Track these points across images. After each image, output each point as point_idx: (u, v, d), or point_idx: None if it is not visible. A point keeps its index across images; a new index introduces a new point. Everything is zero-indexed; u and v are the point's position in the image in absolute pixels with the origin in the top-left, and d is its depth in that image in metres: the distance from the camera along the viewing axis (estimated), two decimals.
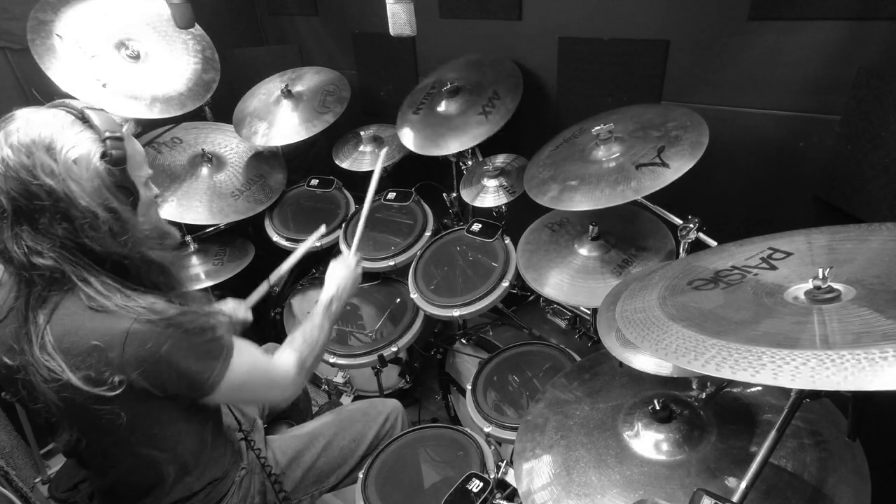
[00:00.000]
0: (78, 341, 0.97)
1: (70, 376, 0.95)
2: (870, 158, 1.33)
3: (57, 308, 1.00)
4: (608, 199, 1.30)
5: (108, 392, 0.96)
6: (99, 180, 0.98)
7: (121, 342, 0.96)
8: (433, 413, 2.30)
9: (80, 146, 0.97)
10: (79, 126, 0.99)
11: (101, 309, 0.98)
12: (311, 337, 1.33)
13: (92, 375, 0.96)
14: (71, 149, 0.96)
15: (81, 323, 0.98)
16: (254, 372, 1.19)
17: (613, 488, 1.00)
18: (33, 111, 1.01)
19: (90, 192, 0.96)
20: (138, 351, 0.97)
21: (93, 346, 0.96)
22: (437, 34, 2.13)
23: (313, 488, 1.45)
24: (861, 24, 1.32)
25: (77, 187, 0.95)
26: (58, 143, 0.96)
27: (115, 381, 0.96)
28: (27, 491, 1.57)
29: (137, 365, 0.98)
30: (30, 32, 1.84)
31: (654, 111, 1.50)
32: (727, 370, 0.66)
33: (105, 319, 0.98)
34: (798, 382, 0.60)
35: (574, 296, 1.47)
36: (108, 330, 0.97)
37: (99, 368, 0.96)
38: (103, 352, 0.96)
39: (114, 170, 1.00)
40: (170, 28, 2.09)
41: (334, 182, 2.25)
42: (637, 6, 1.64)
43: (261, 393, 1.29)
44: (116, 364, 0.97)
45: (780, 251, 0.90)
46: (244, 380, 1.14)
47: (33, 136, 0.95)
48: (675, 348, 0.73)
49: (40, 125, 0.97)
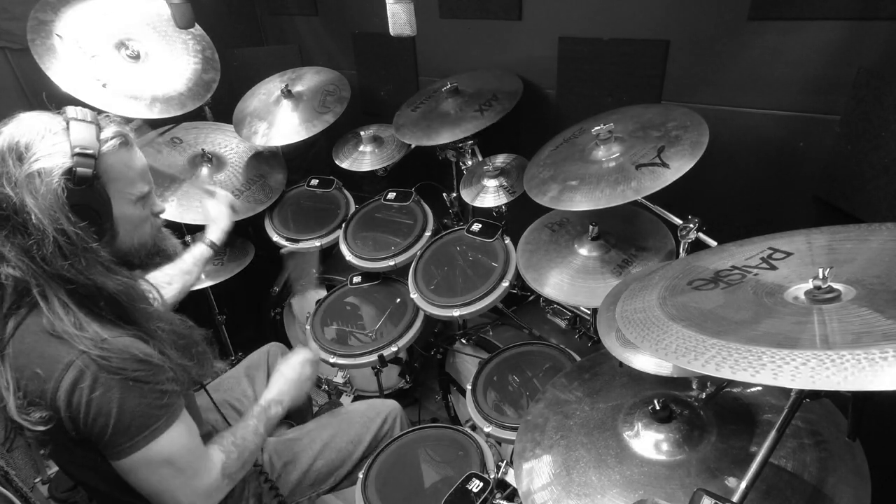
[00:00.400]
0: (26, 364, 0.94)
1: (10, 399, 0.92)
2: (870, 158, 1.33)
3: (22, 322, 0.97)
4: (608, 199, 1.30)
5: (33, 427, 0.92)
6: (53, 197, 0.91)
7: (60, 375, 0.92)
8: (433, 413, 2.30)
9: (48, 158, 0.93)
10: (60, 137, 0.95)
11: (54, 333, 0.94)
12: (244, 440, 1.18)
13: (22, 404, 0.93)
14: (38, 160, 0.92)
15: (33, 346, 0.95)
16: (176, 461, 1.04)
17: (613, 488, 1.00)
18: (34, 115, 0.99)
19: (43, 209, 0.91)
20: (71, 388, 0.92)
21: (34, 374, 0.93)
22: (437, 34, 2.13)
23: (311, 491, 1.44)
24: (861, 24, 1.32)
25: (32, 201, 0.90)
26: (30, 152, 0.92)
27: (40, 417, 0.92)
28: (27, 491, 1.56)
29: (67, 403, 0.93)
30: (30, 32, 1.84)
31: (654, 111, 1.50)
32: (727, 370, 0.66)
33: (55, 347, 0.94)
34: (798, 382, 0.60)
35: (574, 296, 1.46)
36: (52, 359, 0.93)
37: (32, 399, 0.93)
38: (42, 382, 0.93)
39: (75, 189, 0.93)
40: (170, 28, 2.09)
41: (334, 182, 2.25)
42: (637, 6, 1.64)
43: (175, 484, 1.05)
44: (49, 398, 0.93)
45: (781, 251, 0.90)
46: (162, 459, 1.02)
47: (13, 142, 0.93)
48: (675, 348, 0.73)
49: (27, 131, 0.95)
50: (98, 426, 0.95)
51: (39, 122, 0.97)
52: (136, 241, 1.08)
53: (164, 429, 1.00)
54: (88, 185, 0.95)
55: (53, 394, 0.92)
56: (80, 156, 0.94)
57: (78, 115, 0.99)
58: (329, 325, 1.96)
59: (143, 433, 0.98)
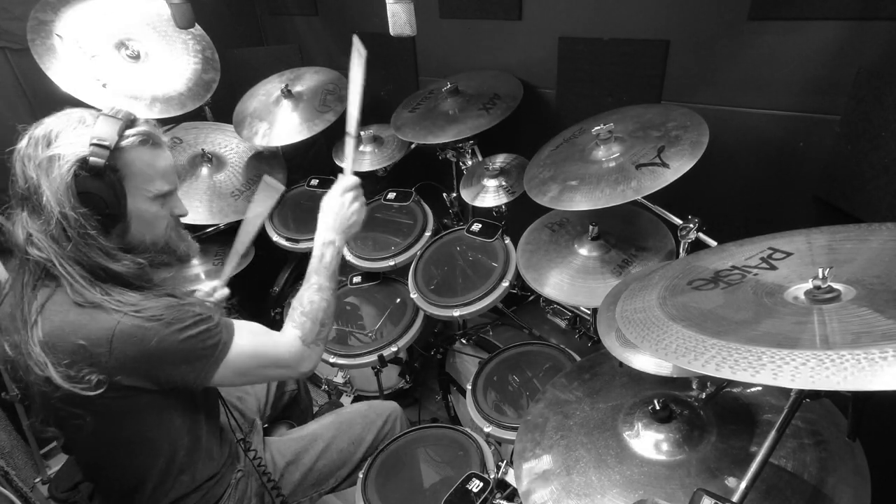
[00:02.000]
0: (63, 338, 0.97)
1: (52, 372, 0.96)
2: (870, 158, 1.33)
3: (49, 300, 1.00)
4: (608, 199, 1.30)
5: (87, 391, 0.96)
6: (61, 182, 0.97)
7: (107, 340, 0.96)
8: (433, 413, 2.30)
9: (67, 147, 0.98)
10: (85, 129, 1.00)
11: (85, 304, 0.98)
12: (311, 304, 1.24)
13: (72, 374, 0.96)
14: (59, 146, 0.98)
15: (67, 320, 0.98)
16: (256, 356, 1.15)
17: (613, 488, 1.00)
18: (76, 110, 1.04)
19: (53, 192, 0.97)
20: (127, 348, 0.97)
21: (78, 346, 0.96)
22: (437, 34, 2.13)
23: (312, 491, 1.45)
24: (861, 24, 1.32)
25: (46, 182, 0.96)
26: (58, 140, 0.98)
27: (93, 381, 0.96)
28: (27, 491, 1.57)
29: (127, 363, 0.98)
30: (30, 32, 1.84)
31: (654, 111, 1.50)
32: (727, 370, 0.66)
33: (91, 317, 0.98)
34: (798, 382, 0.60)
35: (574, 296, 1.46)
36: (93, 328, 0.97)
37: (81, 367, 0.96)
38: (88, 351, 0.96)
39: (88, 177, 0.98)
40: (170, 28, 2.09)
41: (334, 182, 2.25)
42: (637, 6, 1.64)
43: (272, 373, 1.26)
44: (104, 363, 0.97)
45: (781, 251, 0.90)
46: (247, 364, 1.13)
47: (47, 130, 0.99)
48: (675, 348, 0.73)
49: (64, 122, 1.01)
50: (171, 368, 1.03)
51: (77, 115, 1.02)
52: (147, 237, 1.11)
53: (228, 344, 1.09)
54: (99, 174, 0.99)
55: (108, 357, 0.96)
56: (96, 146, 0.98)
57: (110, 111, 1.04)
58: None
59: (215, 353, 1.07)
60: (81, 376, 0.96)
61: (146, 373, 1.01)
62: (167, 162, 1.11)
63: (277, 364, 1.20)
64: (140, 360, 0.99)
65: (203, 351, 1.06)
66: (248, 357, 1.13)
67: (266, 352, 1.18)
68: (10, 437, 1.87)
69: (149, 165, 1.07)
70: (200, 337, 1.05)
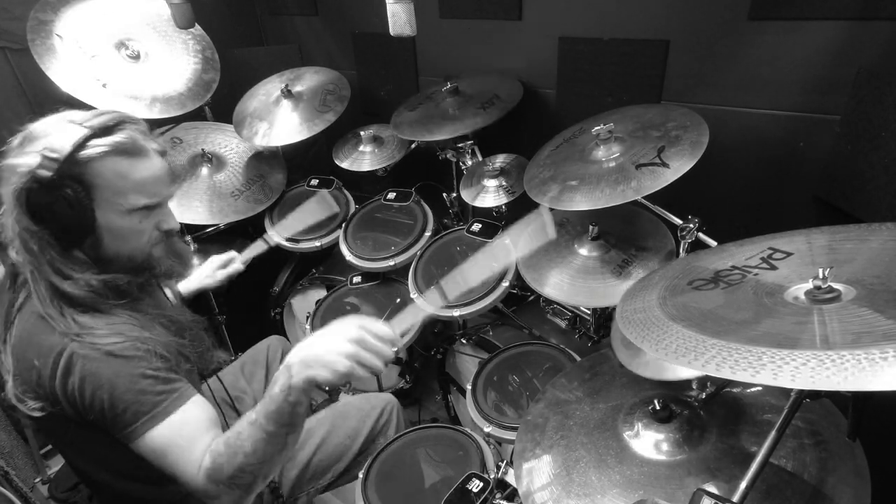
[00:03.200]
0: (24, 352, 0.95)
1: (9, 384, 0.94)
2: (870, 158, 1.33)
3: (23, 307, 0.98)
4: (608, 199, 1.30)
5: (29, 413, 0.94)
6: (10, 191, 0.93)
7: (53, 365, 0.93)
8: (433, 413, 2.30)
9: (23, 157, 0.94)
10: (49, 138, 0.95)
11: (47, 317, 0.95)
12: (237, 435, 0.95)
13: (18, 393, 0.94)
14: (28, 154, 0.93)
15: (30, 332, 0.96)
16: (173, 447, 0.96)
17: (613, 488, 1.00)
18: (68, 115, 1.00)
19: (10, 204, 0.94)
20: (64, 376, 0.93)
21: (31, 364, 0.94)
22: (437, 34, 2.13)
23: (309, 486, 1.44)
24: (861, 24, 1.32)
25: (5, 191, 0.94)
26: (31, 145, 0.95)
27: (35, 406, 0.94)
28: (27, 491, 1.57)
29: (63, 391, 0.93)
30: (30, 32, 1.84)
31: (654, 111, 1.50)
32: (727, 370, 0.66)
33: (47, 335, 0.95)
34: (798, 382, 0.60)
35: (574, 296, 1.46)
36: (46, 348, 0.94)
37: (30, 388, 0.94)
38: (38, 372, 0.94)
39: (39, 188, 0.93)
40: (170, 28, 2.09)
41: (334, 182, 2.25)
42: (637, 6, 1.64)
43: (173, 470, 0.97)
44: (47, 387, 0.93)
45: (781, 251, 0.90)
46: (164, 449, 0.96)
47: (23, 137, 0.96)
48: (676, 348, 0.73)
49: (41, 128, 0.97)
50: (95, 410, 0.94)
51: (54, 121, 0.98)
52: (123, 251, 1.04)
53: (163, 415, 0.95)
54: (52, 188, 0.93)
55: (51, 383, 0.93)
56: (46, 158, 0.92)
57: (77, 118, 0.97)
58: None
59: (142, 418, 0.94)
60: (25, 398, 0.93)
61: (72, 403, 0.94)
62: (149, 173, 1.01)
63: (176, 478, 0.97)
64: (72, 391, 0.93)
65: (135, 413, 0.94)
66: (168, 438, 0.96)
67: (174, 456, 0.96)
68: (10, 437, 1.87)
69: (121, 177, 0.98)
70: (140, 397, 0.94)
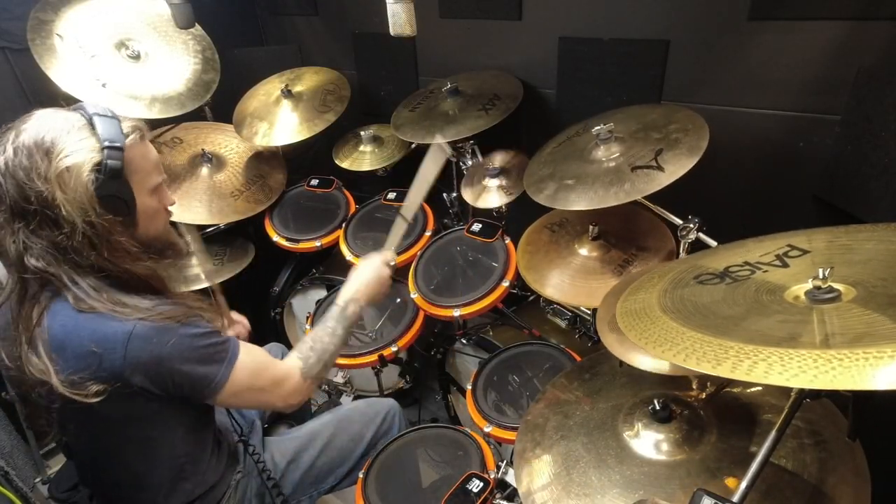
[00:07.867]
0: (74, 344, 0.97)
1: (53, 380, 0.95)
2: (870, 158, 1.33)
3: (48, 309, 0.99)
4: (601, 199, 1.30)
5: (86, 399, 0.95)
6: (84, 191, 0.96)
7: (122, 345, 0.96)
8: (433, 413, 2.30)
9: (77, 154, 0.96)
10: (85, 132, 0.98)
11: (90, 311, 0.97)
12: (321, 343, 1.27)
13: (75, 380, 0.95)
14: (67, 156, 0.95)
15: (78, 326, 0.97)
16: (258, 377, 1.15)
17: (613, 488, 1.00)
18: (51, 112, 1.01)
19: (73, 202, 0.95)
20: (141, 353, 0.97)
21: (89, 352, 0.96)
22: (437, 34, 2.13)
23: (312, 489, 1.45)
24: (861, 24, 1.32)
25: (62, 195, 0.94)
26: (57, 148, 0.95)
27: (93, 391, 0.95)
28: (27, 491, 1.57)
29: (139, 367, 0.98)
30: (30, 32, 1.84)
31: (658, 112, 1.50)
32: (693, 361, 0.68)
33: (102, 322, 0.97)
34: (798, 382, 0.60)
35: (574, 296, 1.46)
36: (107, 334, 0.97)
37: (85, 375, 0.95)
38: (98, 357, 0.96)
39: (106, 181, 0.98)
40: (170, 28, 2.09)
41: (334, 182, 2.25)
42: (637, 6, 1.64)
43: (264, 398, 1.21)
44: (117, 368, 0.96)
45: (798, 248, 0.90)
46: (248, 384, 1.12)
47: (38, 139, 0.96)
48: (657, 338, 0.74)
49: (49, 127, 0.97)
50: (181, 376, 1.02)
51: (62, 118, 0.99)
52: (151, 232, 1.11)
53: (235, 357, 1.09)
54: (116, 177, 0.99)
55: (122, 362, 0.96)
56: (110, 149, 0.98)
57: (98, 110, 1.02)
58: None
59: (222, 368, 1.06)
60: (83, 384, 0.95)
61: (156, 378, 1.01)
62: (155, 153, 1.11)
63: (272, 387, 1.18)
64: (153, 364, 0.99)
65: (216, 356, 1.07)
66: (249, 375, 1.12)
67: (265, 373, 1.17)
68: (10, 437, 1.87)
69: (146, 160, 1.06)
70: (213, 343, 1.06)
